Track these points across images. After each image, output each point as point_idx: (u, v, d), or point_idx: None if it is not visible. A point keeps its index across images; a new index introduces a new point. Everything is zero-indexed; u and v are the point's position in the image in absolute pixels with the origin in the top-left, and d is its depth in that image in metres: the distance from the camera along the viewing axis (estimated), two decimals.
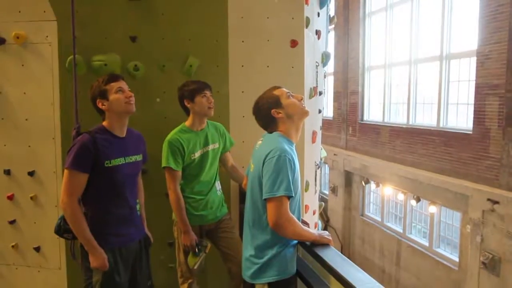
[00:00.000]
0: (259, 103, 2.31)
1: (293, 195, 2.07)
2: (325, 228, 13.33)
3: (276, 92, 2.29)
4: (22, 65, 3.31)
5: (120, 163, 2.42)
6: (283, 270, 2.18)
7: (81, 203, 2.39)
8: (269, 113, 2.26)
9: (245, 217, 2.36)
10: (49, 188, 3.36)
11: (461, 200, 7.85)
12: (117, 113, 2.44)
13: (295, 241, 2.24)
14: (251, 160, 2.38)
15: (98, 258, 2.34)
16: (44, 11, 3.22)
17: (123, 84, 2.46)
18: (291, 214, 2.07)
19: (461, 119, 8.38)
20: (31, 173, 3.36)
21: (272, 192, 2.03)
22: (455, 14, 8.44)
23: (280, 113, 2.25)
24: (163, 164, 2.85)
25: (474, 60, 7.64)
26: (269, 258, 2.16)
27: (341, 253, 2.23)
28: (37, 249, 3.43)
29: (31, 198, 3.38)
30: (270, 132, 2.30)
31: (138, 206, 2.62)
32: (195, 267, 2.92)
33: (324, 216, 13.53)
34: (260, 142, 2.35)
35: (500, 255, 6.94)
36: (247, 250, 2.27)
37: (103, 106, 2.41)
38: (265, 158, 2.11)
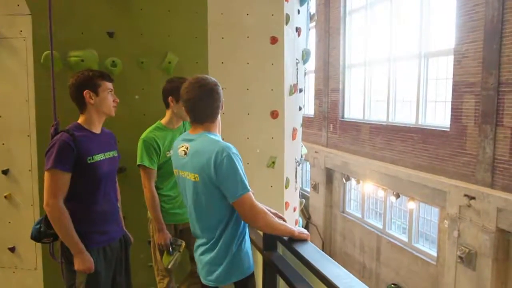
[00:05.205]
0: (218, 86, 2.19)
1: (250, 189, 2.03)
2: (306, 225, 13.41)
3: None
4: None
5: (101, 158, 2.39)
6: (246, 267, 2.17)
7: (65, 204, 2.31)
8: (219, 106, 2.21)
9: (193, 225, 2.23)
10: (24, 186, 3.28)
11: (439, 196, 8.00)
12: (99, 112, 2.42)
13: (248, 238, 2.22)
14: (185, 171, 2.14)
15: (85, 261, 2.29)
16: (18, 5, 3.14)
17: (112, 87, 2.47)
18: (259, 206, 2.04)
19: (439, 116, 8.53)
20: (5, 172, 3.28)
21: (237, 194, 1.98)
22: (433, 13, 8.58)
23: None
24: (138, 162, 2.83)
25: (451, 58, 7.77)
26: (230, 259, 2.11)
27: (323, 249, 2.24)
28: (12, 249, 3.34)
29: (5, 197, 3.30)
30: (200, 126, 2.16)
31: (118, 204, 2.61)
32: (169, 266, 2.89)
33: (306, 213, 13.60)
34: (185, 147, 2.14)
35: (476, 249, 7.10)
36: (205, 256, 2.17)
37: (90, 100, 2.36)
38: (214, 163, 1.98)
